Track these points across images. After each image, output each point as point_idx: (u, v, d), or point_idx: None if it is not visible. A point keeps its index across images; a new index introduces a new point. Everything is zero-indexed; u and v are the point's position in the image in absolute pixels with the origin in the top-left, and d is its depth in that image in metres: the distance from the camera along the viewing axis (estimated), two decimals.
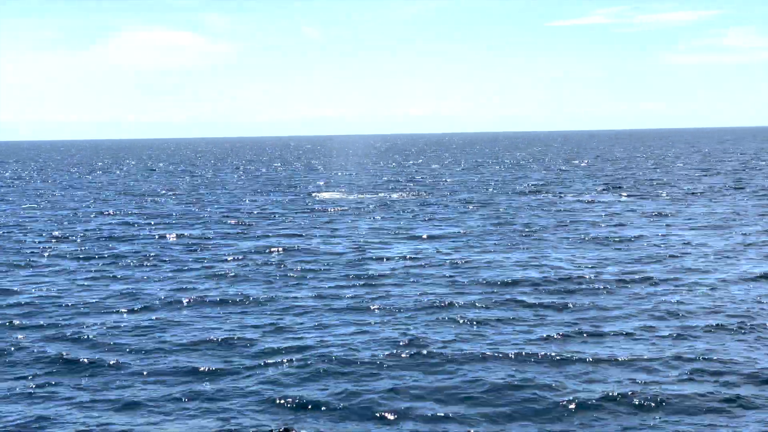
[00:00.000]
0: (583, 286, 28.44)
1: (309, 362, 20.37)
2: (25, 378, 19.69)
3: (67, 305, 27.15)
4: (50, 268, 34.29)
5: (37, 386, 19.05)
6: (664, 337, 22.19)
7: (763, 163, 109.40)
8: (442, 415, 17.00)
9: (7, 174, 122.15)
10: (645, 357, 20.30)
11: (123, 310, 26.35)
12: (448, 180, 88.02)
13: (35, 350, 21.78)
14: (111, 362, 20.68)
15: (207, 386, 18.85)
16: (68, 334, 23.42)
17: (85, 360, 20.86)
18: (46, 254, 38.13)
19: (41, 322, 24.80)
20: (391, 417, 16.96)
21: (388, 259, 35.18)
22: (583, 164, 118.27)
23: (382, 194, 68.90)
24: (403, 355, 20.66)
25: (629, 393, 17.81)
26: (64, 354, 21.30)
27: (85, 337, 23.05)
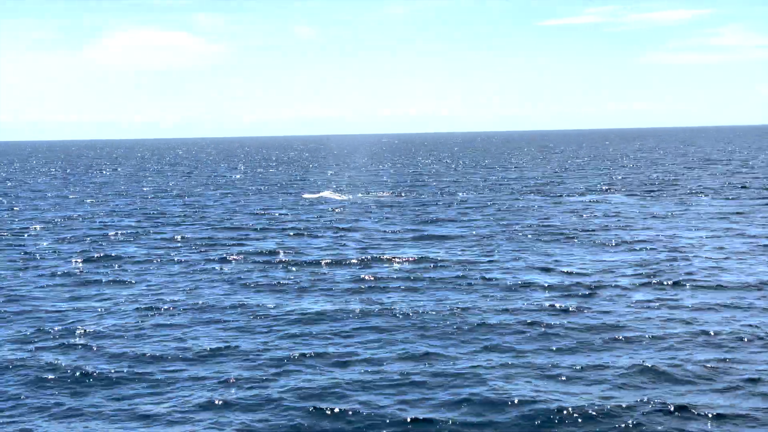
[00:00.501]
0: (600, 291, 28.00)
1: (329, 371, 20.02)
2: (42, 392, 19.11)
3: (76, 311, 26.71)
4: (55, 273, 33.76)
5: (55, 400, 18.57)
6: (689, 343, 21.80)
7: (763, 163, 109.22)
8: (467, 424, 16.66)
9: (3, 174, 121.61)
10: (672, 365, 19.93)
11: (137, 317, 25.78)
12: (449, 180, 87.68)
13: (49, 362, 21.22)
14: (129, 372, 20.27)
15: (225, 395, 18.49)
16: (82, 344, 22.91)
17: (102, 371, 20.40)
18: (51, 259, 37.68)
19: (52, 333, 24.23)
20: (414, 427, 16.61)
21: (396, 261, 34.81)
22: (582, 163, 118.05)
23: (383, 195, 68.54)
24: (423, 364, 20.32)
25: (660, 401, 17.47)
26: (80, 365, 20.84)
27: (100, 346, 22.54)
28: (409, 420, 16.90)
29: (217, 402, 18.06)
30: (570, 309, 25.42)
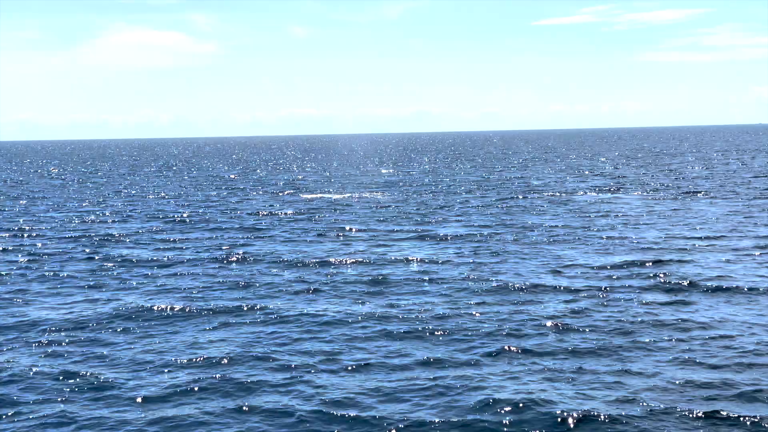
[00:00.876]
0: (612, 293, 27.64)
1: (342, 375, 19.70)
2: (59, 402, 18.48)
3: (79, 313, 26.35)
4: (57, 275, 33.40)
5: (65, 406, 18.17)
6: (707, 347, 21.48)
7: (762, 163, 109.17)
8: (489, 424, 16.40)
9: (2, 175, 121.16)
10: (692, 369, 19.63)
11: (142, 320, 25.38)
12: (449, 180, 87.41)
13: (55, 367, 20.85)
14: (135, 375, 19.95)
15: (237, 401, 18.18)
16: (87, 347, 22.54)
17: (109, 376, 20.03)
18: (52, 261, 37.32)
19: (57, 336, 23.84)
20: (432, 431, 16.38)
21: (401, 261, 34.52)
22: (582, 163, 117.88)
23: (383, 195, 68.24)
24: (438, 367, 20.02)
25: (682, 406, 17.15)
26: (85, 370, 20.44)
27: (113, 354, 22.13)
28: (427, 423, 16.57)
29: (228, 407, 17.73)
30: (585, 311, 25.05)
